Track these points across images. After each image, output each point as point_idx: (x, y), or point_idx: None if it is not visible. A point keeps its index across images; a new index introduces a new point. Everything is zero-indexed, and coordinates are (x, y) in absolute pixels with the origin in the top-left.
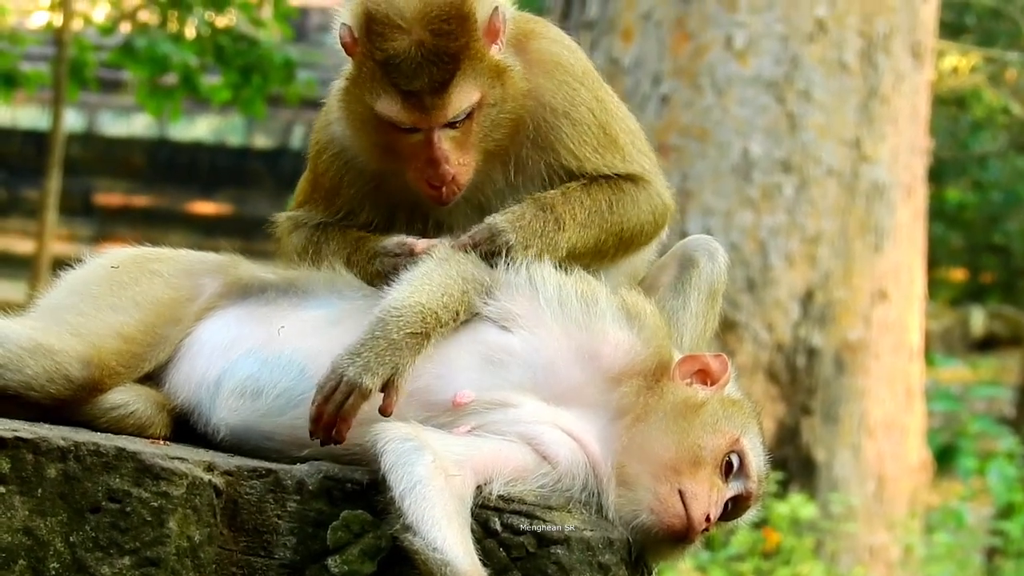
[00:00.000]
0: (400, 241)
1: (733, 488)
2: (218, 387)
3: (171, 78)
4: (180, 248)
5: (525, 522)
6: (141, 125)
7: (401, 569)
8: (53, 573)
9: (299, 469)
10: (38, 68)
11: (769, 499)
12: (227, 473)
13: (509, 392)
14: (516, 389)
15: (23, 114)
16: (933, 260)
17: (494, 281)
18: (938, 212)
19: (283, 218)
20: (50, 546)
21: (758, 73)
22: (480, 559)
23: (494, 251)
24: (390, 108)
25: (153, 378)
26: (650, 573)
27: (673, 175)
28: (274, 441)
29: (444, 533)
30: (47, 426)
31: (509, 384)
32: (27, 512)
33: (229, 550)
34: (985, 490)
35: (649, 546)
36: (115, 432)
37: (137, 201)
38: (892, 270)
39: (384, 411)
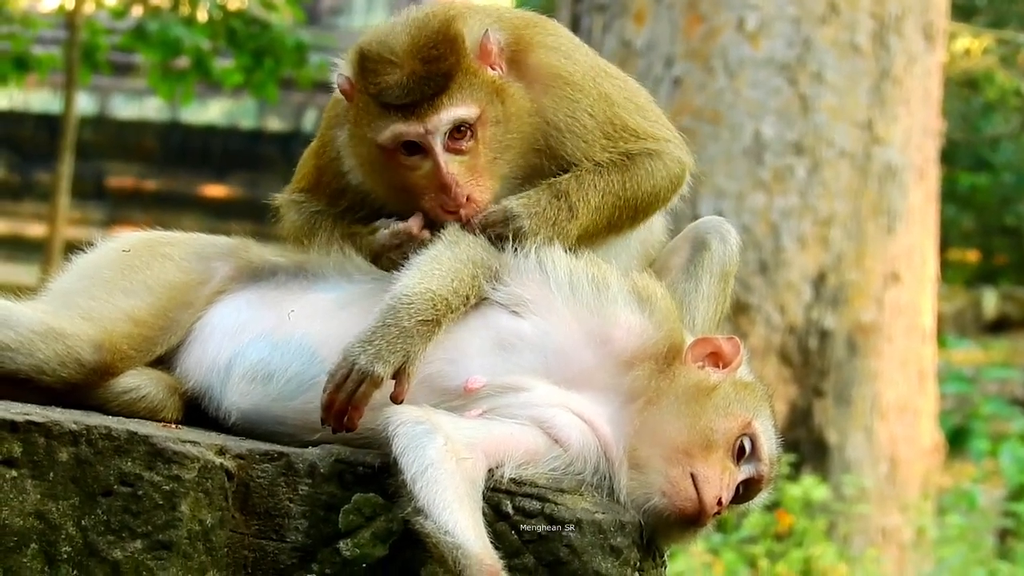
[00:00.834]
0: (393, 231)
1: (745, 471)
2: (229, 371)
3: (183, 61)
4: (192, 232)
5: (537, 505)
6: (153, 108)
7: (413, 552)
8: (65, 557)
9: (311, 452)
10: (50, 52)
11: (781, 481)
12: (239, 456)
13: (520, 376)
14: (528, 373)
15: (35, 98)
16: (945, 242)
17: (503, 266)
18: (950, 194)
19: (284, 198)
20: (62, 530)
21: (770, 55)
22: (492, 542)
23: (505, 235)
24: (389, 130)
25: (165, 362)
26: (662, 556)
27: None
28: (286, 425)
29: (455, 516)
30: (59, 410)
31: (520, 369)
32: (39, 496)
33: (241, 533)
34: (997, 472)
35: (661, 529)
36: (127, 416)
37: (149, 185)
38: (904, 252)
39: (396, 399)
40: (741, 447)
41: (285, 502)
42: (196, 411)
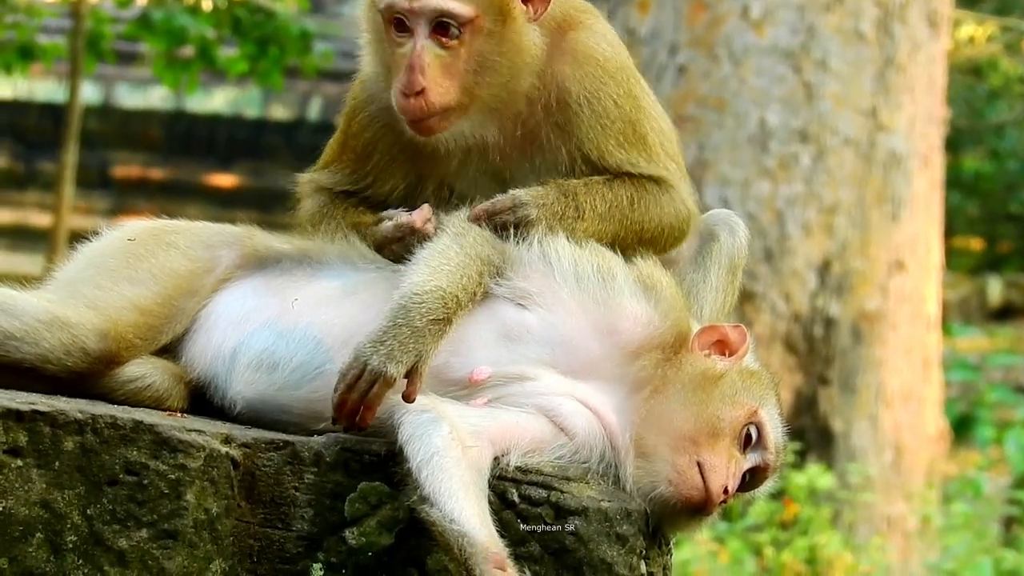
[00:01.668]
0: (397, 224)
1: (751, 460)
2: (234, 360)
3: (188, 50)
4: (197, 220)
5: (543, 493)
6: (158, 97)
7: (419, 540)
8: (70, 546)
9: (316, 441)
10: (55, 41)
11: (787, 469)
12: (244, 445)
13: (526, 367)
14: (533, 364)
15: (40, 87)
16: (950, 229)
17: (506, 260)
18: (955, 181)
19: (305, 179)
20: (67, 519)
21: (775, 43)
22: (497, 530)
23: (511, 223)
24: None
25: (170, 350)
26: (668, 544)
27: (690, 146)
28: (291, 414)
29: (461, 504)
30: (64, 399)
31: (526, 359)
32: (44, 485)
33: (247, 522)
34: (1003, 459)
35: (667, 517)
36: (132, 405)
37: (154, 174)
38: (909, 240)
39: (407, 397)
40: (747, 435)
41: (291, 490)
42: (201, 400)
